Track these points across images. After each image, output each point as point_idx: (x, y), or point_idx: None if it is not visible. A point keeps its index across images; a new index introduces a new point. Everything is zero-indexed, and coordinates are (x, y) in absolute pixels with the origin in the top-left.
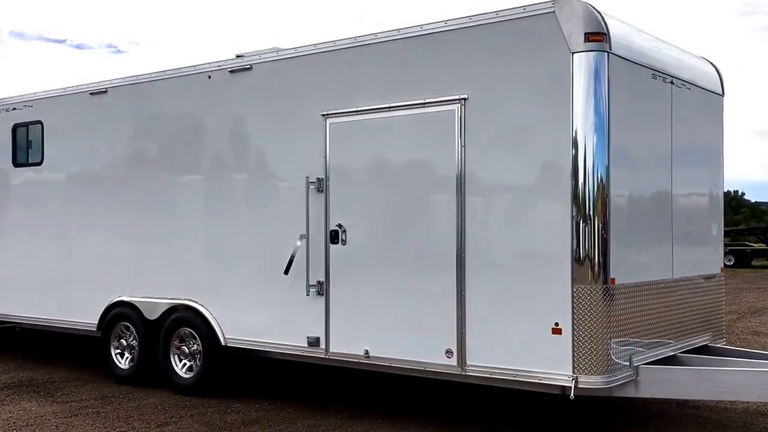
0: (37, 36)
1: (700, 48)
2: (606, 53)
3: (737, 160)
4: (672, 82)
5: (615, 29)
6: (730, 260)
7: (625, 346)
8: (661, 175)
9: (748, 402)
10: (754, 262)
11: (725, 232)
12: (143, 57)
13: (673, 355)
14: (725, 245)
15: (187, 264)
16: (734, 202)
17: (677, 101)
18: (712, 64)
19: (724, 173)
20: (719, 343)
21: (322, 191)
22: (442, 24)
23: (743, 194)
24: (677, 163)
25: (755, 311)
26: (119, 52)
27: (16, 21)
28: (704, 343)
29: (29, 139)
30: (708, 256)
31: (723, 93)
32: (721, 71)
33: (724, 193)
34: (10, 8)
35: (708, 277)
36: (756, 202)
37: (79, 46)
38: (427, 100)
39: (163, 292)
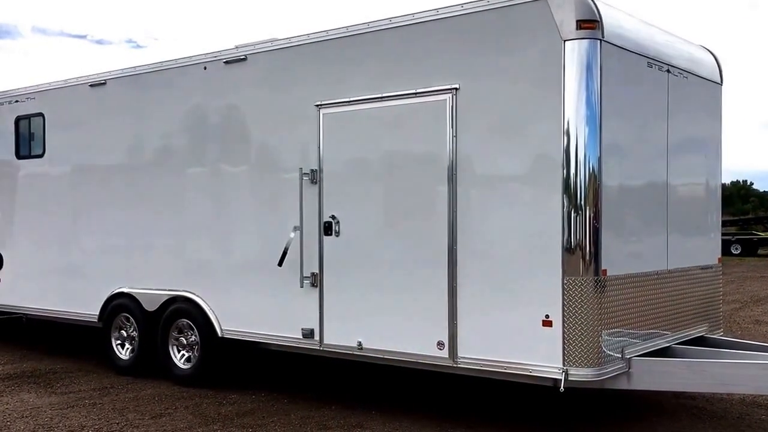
0: (59, 32)
1: (708, 39)
2: (598, 41)
3: (746, 150)
4: (668, 71)
5: (608, 16)
6: (736, 249)
7: (617, 337)
8: (656, 165)
9: (744, 393)
10: (760, 251)
11: (733, 221)
12: (162, 51)
13: (668, 347)
14: (732, 234)
15: (186, 255)
16: (743, 192)
17: (674, 90)
18: (710, 52)
19: (722, 163)
20: (716, 334)
21: (315, 183)
22: (434, 12)
23: (752, 184)
24: (673, 153)
25: (758, 300)
26: (139, 47)
27: (39, 17)
28: (701, 335)
29: (32, 131)
30: (705, 247)
31: (722, 82)
32: (720, 60)
33: (733, 182)
34: (33, 4)
35: (705, 268)
36: (765, 191)
37: (99, 41)
38: (419, 90)
39: (162, 283)
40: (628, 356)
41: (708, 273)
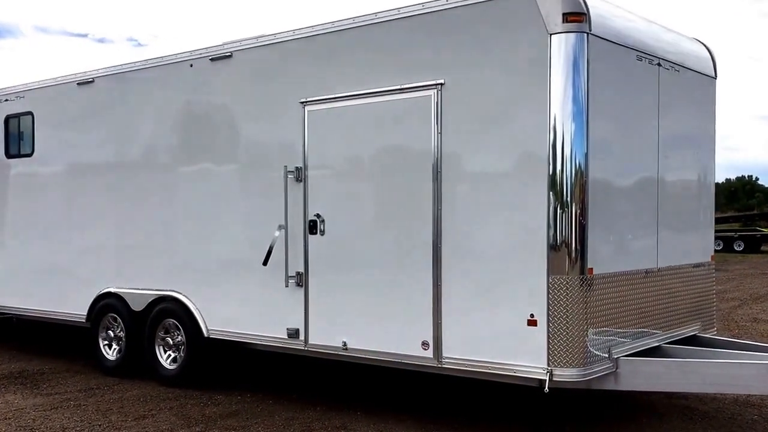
0: (60, 30)
1: (710, 34)
2: (585, 34)
3: (752, 146)
4: (659, 64)
5: (596, 9)
6: (739, 246)
7: (604, 337)
8: (646, 161)
9: (734, 393)
10: (763, 248)
11: (737, 217)
12: (163, 49)
13: (658, 346)
14: (735, 231)
15: (173, 255)
16: (748, 187)
17: (665, 84)
18: (704, 45)
19: (716, 159)
20: (709, 333)
21: (300, 181)
22: (419, 7)
23: (757, 179)
24: (665, 148)
25: (757, 298)
26: (140, 45)
27: (40, 16)
28: (693, 334)
29: (21, 130)
30: (697, 244)
31: (716, 75)
32: (713, 53)
33: (738, 178)
34: (34, 3)
35: (697, 266)
36: None
37: (101, 40)
38: (403, 86)
39: (149, 283)
40: (615, 356)
41: (701, 271)
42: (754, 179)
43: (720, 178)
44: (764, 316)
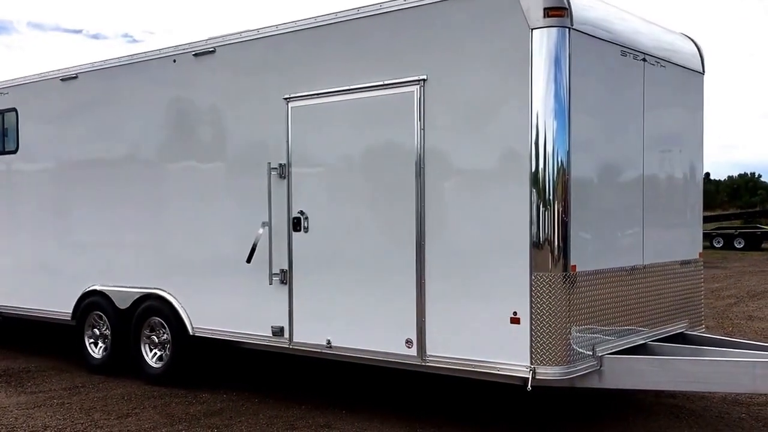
0: (54, 26)
1: (712, 33)
2: (567, 29)
3: (755, 144)
4: (644, 60)
5: (578, 3)
6: (740, 243)
7: (588, 335)
8: (631, 158)
9: (719, 391)
10: (763, 245)
11: (738, 214)
12: (158, 46)
13: (644, 344)
14: (735, 228)
15: (157, 253)
16: (751, 185)
17: (650, 80)
18: (692, 40)
19: (704, 155)
20: (697, 330)
21: (284, 177)
22: (401, 2)
23: (759, 176)
24: (650, 145)
25: (754, 295)
26: (135, 41)
27: (34, 12)
28: (680, 331)
29: (5, 126)
30: (684, 241)
31: (703, 71)
32: (701, 48)
33: (740, 175)
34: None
35: (685, 263)
36: None
37: (95, 36)
38: (386, 82)
39: (134, 281)
40: (599, 354)
41: (688, 268)
42: (756, 177)
43: (723, 176)
44: (759, 314)
